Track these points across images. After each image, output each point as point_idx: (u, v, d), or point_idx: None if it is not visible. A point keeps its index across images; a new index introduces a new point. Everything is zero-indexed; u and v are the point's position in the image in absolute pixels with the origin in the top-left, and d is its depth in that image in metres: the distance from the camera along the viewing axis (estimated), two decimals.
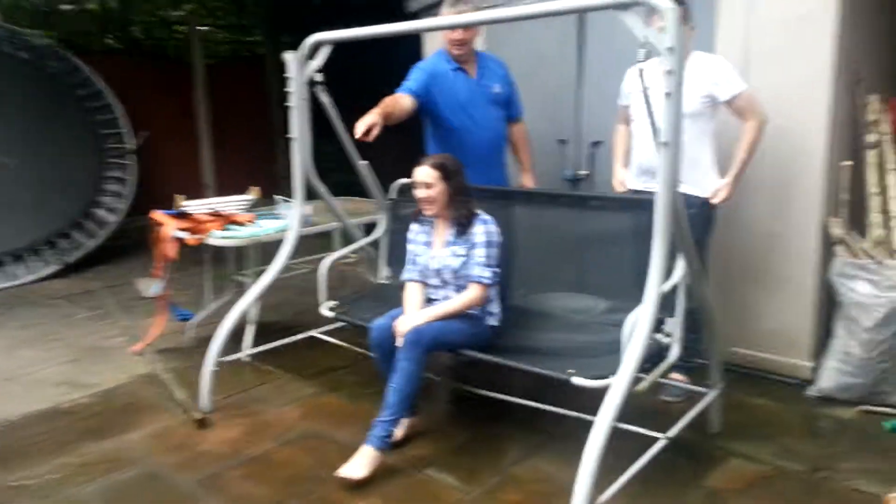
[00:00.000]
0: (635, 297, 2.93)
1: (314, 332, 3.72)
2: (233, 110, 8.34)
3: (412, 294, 2.97)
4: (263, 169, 8.49)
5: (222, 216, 3.84)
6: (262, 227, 3.78)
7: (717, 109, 3.02)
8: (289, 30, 8.76)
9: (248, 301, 3.32)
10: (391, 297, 3.42)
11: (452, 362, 3.54)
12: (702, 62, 2.99)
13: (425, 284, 2.99)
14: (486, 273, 2.80)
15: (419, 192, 2.83)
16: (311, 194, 3.47)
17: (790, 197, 3.24)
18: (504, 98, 3.61)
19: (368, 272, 4.00)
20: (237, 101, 8.41)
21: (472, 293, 2.81)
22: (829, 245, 3.18)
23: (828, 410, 3.11)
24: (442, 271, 2.88)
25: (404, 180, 3.66)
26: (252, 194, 4.22)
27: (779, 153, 3.18)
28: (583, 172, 3.95)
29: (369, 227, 3.84)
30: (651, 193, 2.44)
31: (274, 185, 8.51)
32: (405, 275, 3.05)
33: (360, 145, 3.16)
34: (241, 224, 3.81)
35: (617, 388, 2.26)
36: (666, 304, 2.70)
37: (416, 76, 3.48)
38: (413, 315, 2.81)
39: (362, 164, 3.52)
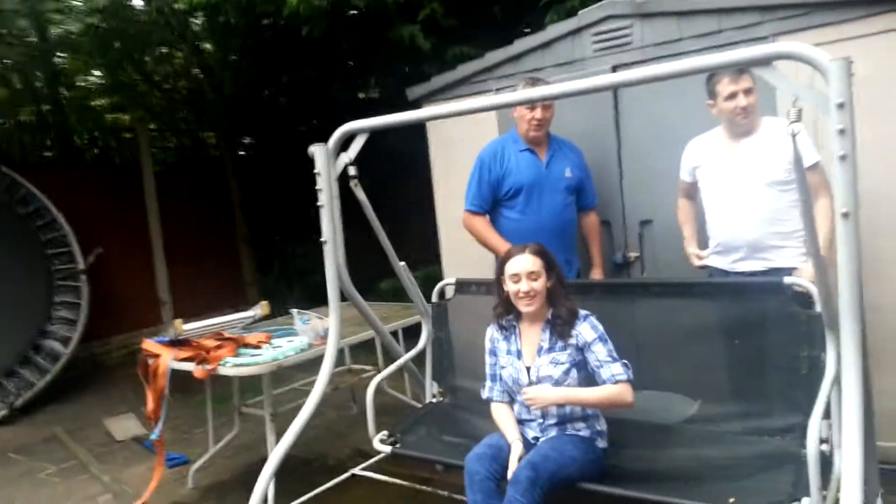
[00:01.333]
0: (765, 397, 2.54)
1: (356, 470, 3.10)
2: (190, 217, 7.72)
3: (504, 415, 2.46)
4: (229, 277, 7.86)
5: (231, 339, 3.25)
6: (283, 348, 3.20)
7: None
8: (246, 131, 8.37)
9: (285, 445, 2.68)
10: (450, 419, 2.92)
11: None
12: (778, 128, 2.72)
13: (512, 403, 2.50)
14: (621, 369, 2.31)
15: (522, 286, 2.36)
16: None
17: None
18: (575, 184, 3.32)
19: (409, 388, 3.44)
20: (194, 207, 7.80)
21: (613, 389, 2.29)
22: None
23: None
24: (538, 385, 2.39)
25: (447, 282, 3.22)
26: (259, 310, 3.64)
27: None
28: (633, 255, 3.59)
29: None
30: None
31: (242, 293, 7.89)
32: (488, 393, 2.55)
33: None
34: (255, 346, 3.22)
35: None
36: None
37: (478, 185, 3.29)
38: (545, 390, 2.31)
39: (402, 266, 3.04)
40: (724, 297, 2.57)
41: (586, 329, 2.36)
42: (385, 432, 2.81)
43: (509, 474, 2.22)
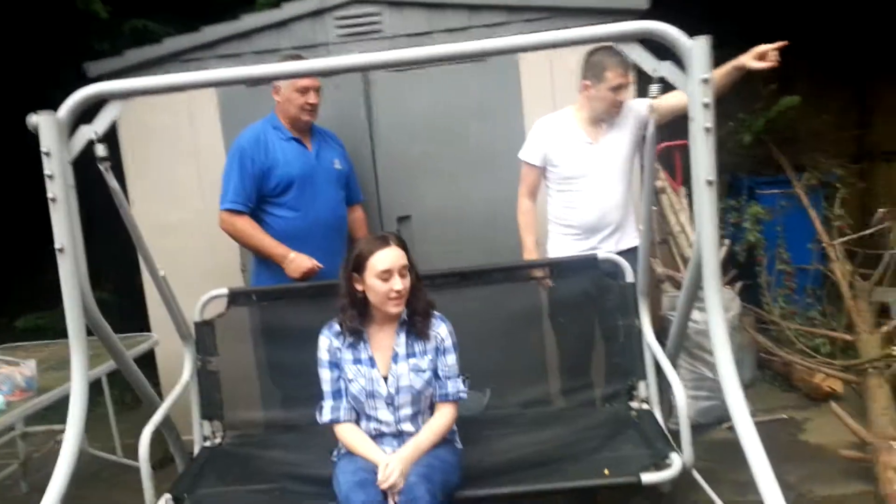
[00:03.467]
0: (591, 369, 2.66)
1: None
2: None
3: (358, 436, 2.07)
4: None
5: None
6: None
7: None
8: None
9: None
10: (241, 462, 2.41)
11: None
12: (629, 112, 2.79)
13: (358, 420, 2.13)
14: (462, 385, 2.13)
15: (395, 284, 2.00)
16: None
17: None
18: (345, 176, 2.98)
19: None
20: None
21: (448, 416, 2.11)
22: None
23: (700, 437, 3.25)
24: (397, 396, 2.07)
25: (215, 293, 2.62)
26: None
27: None
28: None
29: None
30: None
31: None
32: (331, 414, 2.11)
33: None
34: None
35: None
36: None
37: (240, 178, 2.75)
38: (396, 464, 1.92)
39: (162, 276, 2.36)
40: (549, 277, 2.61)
41: (445, 332, 2.13)
42: (167, 496, 2.13)
43: (391, 500, 1.87)
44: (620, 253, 2.66)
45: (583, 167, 2.74)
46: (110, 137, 2.06)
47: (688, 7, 2.98)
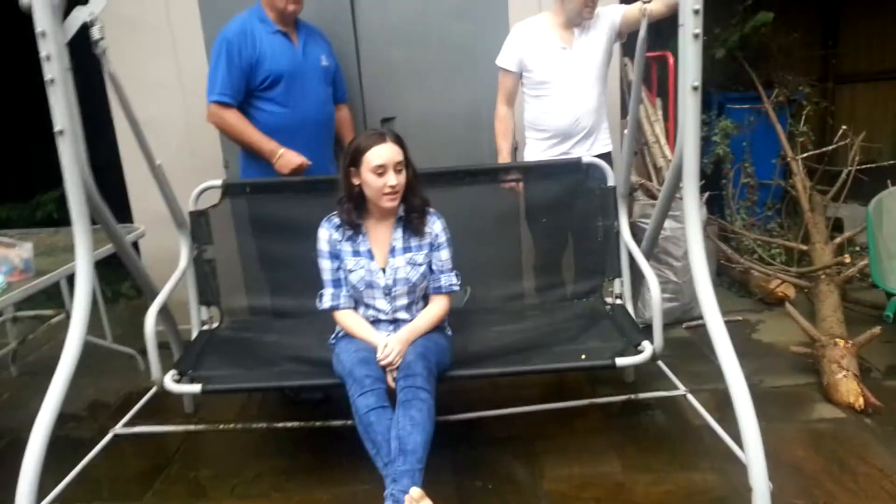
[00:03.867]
0: (570, 267, 2.79)
1: (118, 430, 2.41)
2: None
3: (357, 321, 2.20)
4: None
5: None
6: None
7: None
8: None
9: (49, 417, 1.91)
10: (237, 345, 2.54)
11: None
12: (601, 19, 2.82)
13: (356, 308, 2.26)
14: (455, 279, 2.27)
15: (389, 179, 2.08)
16: None
17: None
18: (332, 73, 2.98)
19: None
20: None
21: (441, 306, 2.26)
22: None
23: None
24: (394, 287, 2.19)
25: (209, 184, 2.66)
26: None
27: None
28: None
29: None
30: None
31: None
32: (331, 301, 2.23)
33: None
34: None
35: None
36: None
37: (227, 70, 2.72)
38: (394, 343, 2.08)
39: (159, 166, 2.40)
40: (531, 179, 2.72)
41: (439, 228, 2.25)
42: (173, 371, 2.25)
43: (389, 378, 2.03)
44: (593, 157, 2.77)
45: (556, 72, 2.80)
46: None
47: None
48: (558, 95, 2.82)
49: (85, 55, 2.11)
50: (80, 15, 2.02)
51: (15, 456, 1.81)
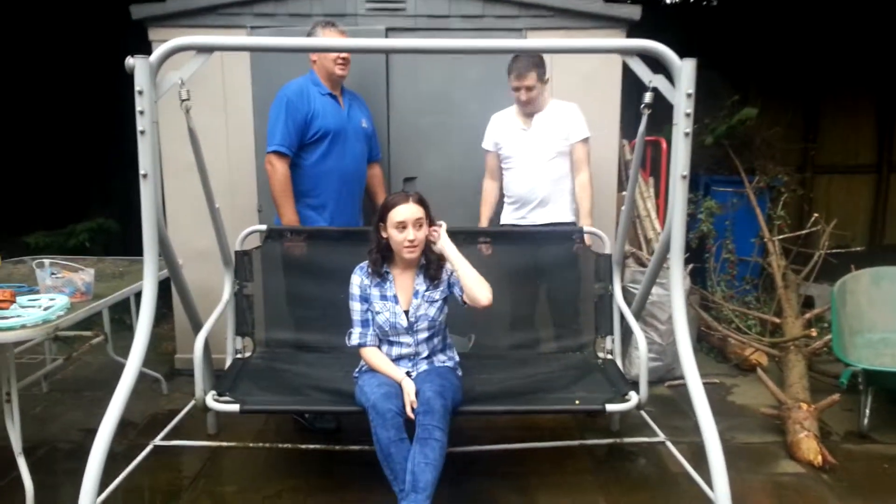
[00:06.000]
0: (566, 323, 3.13)
1: (157, 442, 2.68)
2: None
3: (381, 358, 2.51)
4: None
5: None
6: (42, 308, 2.51)
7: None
8: None
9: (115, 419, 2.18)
10: (269, 373, 2.84)
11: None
12: (560, 109, 3.30)
13: (380, 346, 2.58)
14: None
15: (408, 234, 2.43)
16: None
17: None
18: (370, 134, 3.38)
19: None
20: None
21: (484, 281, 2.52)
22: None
23: None
24: (416, 324, 2.52)
25: (254, 228, 3.01)
26: None
27: None
28: None
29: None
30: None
31: None
32: (359, 339, 2.55)
33: None
34: None
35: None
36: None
37: (286, 124, 3.08)
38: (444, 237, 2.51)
39: (217, 209, 2.74)
40: (529, 244, 3.12)
41: (447, 273, 2.59)
42: (213, 392, 2.54)
43: (408, 408, 2.33)
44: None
45: (517, 148, 3.32)
46: None
47: (662, 26, 3.41)
48: (518, 167, 3.33)
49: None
50: (172, 77, 2.38)
51: (54, 464, 2.00)
